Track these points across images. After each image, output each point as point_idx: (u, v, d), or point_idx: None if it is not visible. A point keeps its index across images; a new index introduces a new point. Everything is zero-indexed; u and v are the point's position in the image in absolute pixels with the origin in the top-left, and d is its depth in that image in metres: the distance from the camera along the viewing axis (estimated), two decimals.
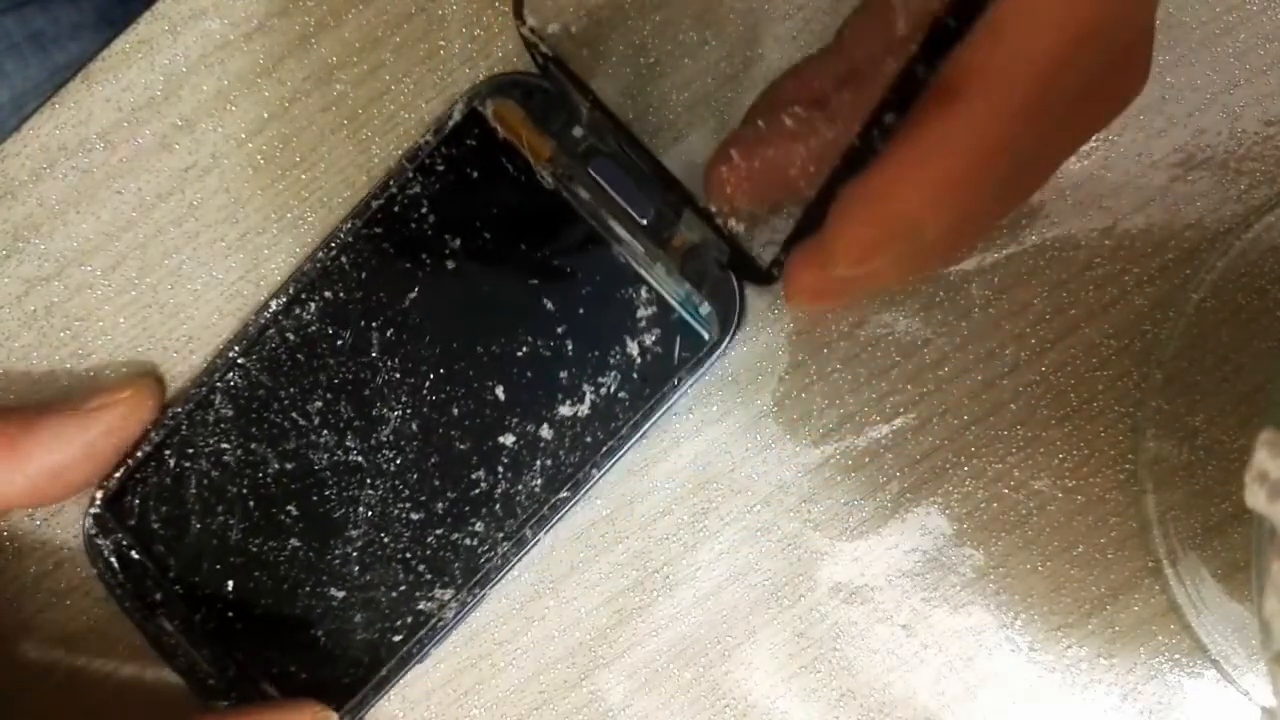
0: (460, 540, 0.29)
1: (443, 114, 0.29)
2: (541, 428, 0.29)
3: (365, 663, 0.29)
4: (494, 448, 0.29)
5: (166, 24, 0.29)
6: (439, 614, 0.29)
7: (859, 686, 0.31)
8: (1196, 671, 0.30)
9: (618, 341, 0.29)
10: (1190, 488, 0.30)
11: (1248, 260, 0.30)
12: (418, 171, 0.29)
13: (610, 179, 0.28)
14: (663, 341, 0.29)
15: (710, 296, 0.29)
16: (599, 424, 0.29)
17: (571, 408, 0.29)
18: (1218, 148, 0.30)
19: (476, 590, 0.29)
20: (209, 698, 0.29)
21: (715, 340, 0.29)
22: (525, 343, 0.29)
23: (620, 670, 0.30)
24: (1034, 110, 0.21)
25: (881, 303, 0.30)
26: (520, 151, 0.29)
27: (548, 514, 0.29)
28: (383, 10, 0.29)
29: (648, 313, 0.29)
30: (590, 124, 0.28)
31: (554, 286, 0.29)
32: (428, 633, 0.29)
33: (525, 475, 0.29)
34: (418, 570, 0.29)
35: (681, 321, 0.29)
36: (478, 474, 0.29)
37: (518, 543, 0.29)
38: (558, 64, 0.27)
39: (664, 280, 0.29)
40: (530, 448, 0.29)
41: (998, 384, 0.30)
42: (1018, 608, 0.30)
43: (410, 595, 0.29)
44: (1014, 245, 0.30)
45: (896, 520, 0.30)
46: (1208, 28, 0.30)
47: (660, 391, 0.29)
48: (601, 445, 0.29)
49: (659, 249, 0.29)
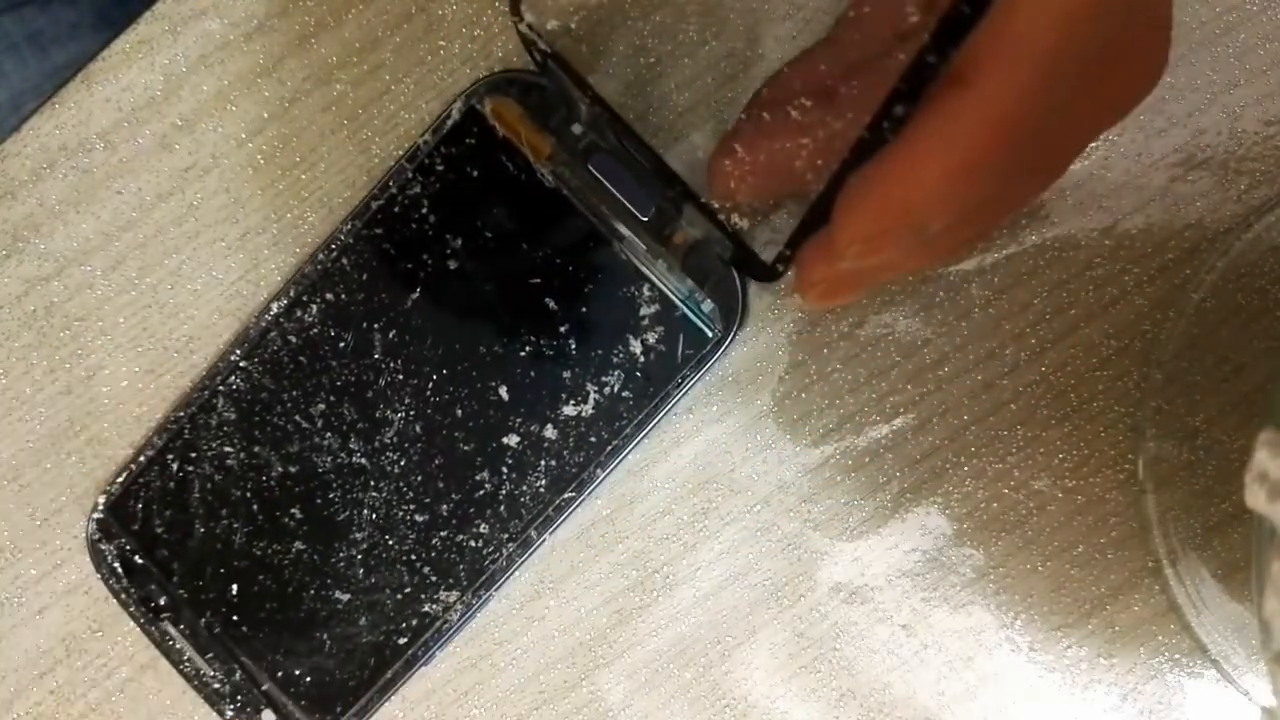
0: (465, 542, 0.29)
1: (441, 113, 0.29)
2: (545, 428, 0.29)
3: (371, 665, 0.29)
4: (498, 448, 0.29)
5: (166, 24, 0.29)
6: (444, 616, 0.29)
7: (859, 686, 0.31)
8: (1196, 671, 0.30)
9: (621, 340, 0.29)
10: (1190, 488, 0.30)
11: (1248, 260, 0.30)
12: (417, 171, 0.29)
13: (610, 175, 0.28)
14: (666, 339, 0.29)
15: (713, 293, 0.29)
16: (603, 423, 0.29)
17: (575, 407, 0.29)
18: (1218, 148, 0.30)
19: (481, 592, 0.29)
20: (215, 701, 0.29)
21: (719, 337, 0.29)
22: (528, 342, 0.29)
23: (620, 670, 0.30)
24: (1041, 99, 0.21)
25: (881, 303, 0.30)
26: (520, 149, 0.29)
27: (553, 514, 0.29)
28: (383, 10, 0.29)
29: (650, 310, 0.29)
30: (589, 120, 0.28)
31: (556, 285, 0.29)
32: (433, 635, 0.29)
33: (530, 476, 0.29)
34: (422, 572, 0.29)
35: (684, 318, 0.29)
36: (482, 475, 0.29)
37: (523, 544, 0.29)
38: (556, 60, 0.27)
39: (666, 277, 0.29)
40: (534, 448, 0.29)
41: (998, 384, 0.30)
42: (1018, 608, 0.30)
43: (415, 597, 0.29)
44: (1014, 245, 0.30)
45: (896, 520, 0.30)
46: (1208, 28, 0.30)
47: (664, 389, 0.29)
48: (606, 444, 0.29)
49: (660, 246, 0.28)
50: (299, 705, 0.29)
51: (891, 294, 0.30)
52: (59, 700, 0.30)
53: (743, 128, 0.27)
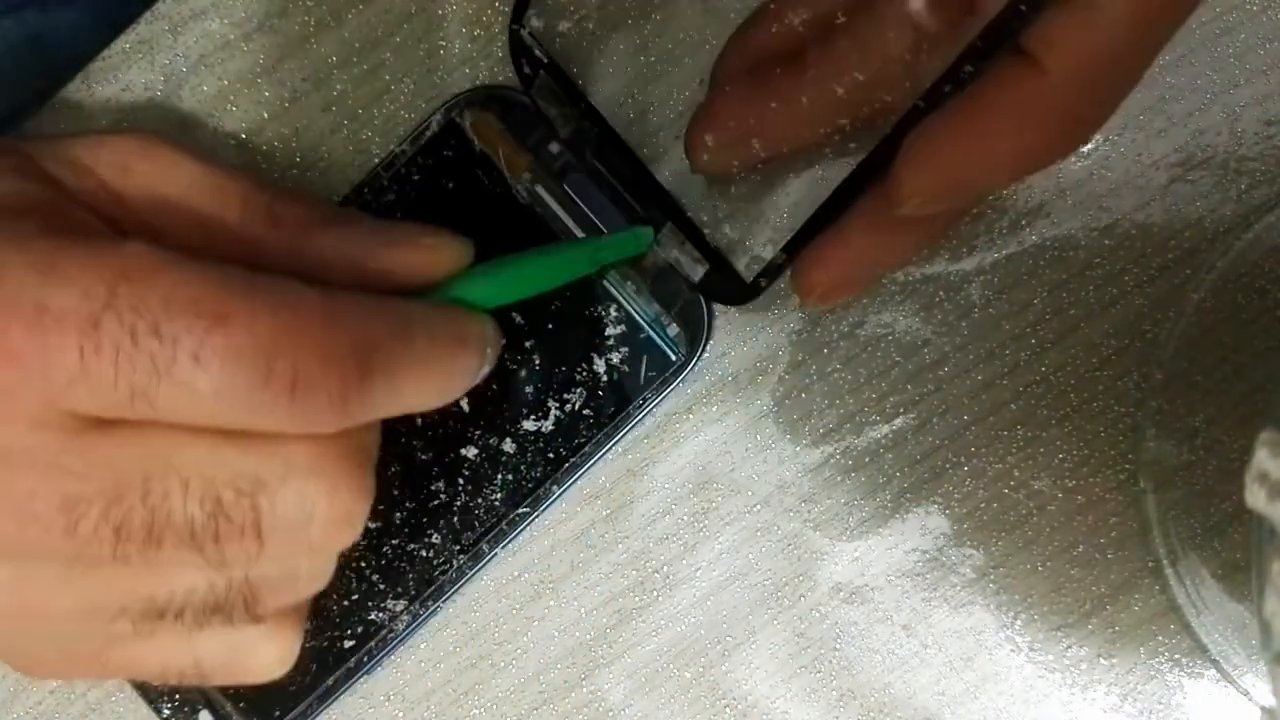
0: (416, 551, 0.29)
1: (420, 123, 0.29)
2: (504, 441, 0.29)
3: (312, 671, 0.29)
4: (455, 459, 0.29)
5: (166, 24, 0.29)
6: (390, 625, 0.29)
7: (859, 686, 0.31)
8: (1196, 671, 0.30)
9: (585, 358, 0.29)
10: (1190, 488, 0.30)
11: (1248, 260, 0.30)
12: (393, 180, 0.29)
13: (585, 196, 0.28)
14: (630, 360, 0.29)
15: (679, 317, 0.29)
16: (562, 440, 0.29)
17: (535, 422, 0.29)
18: (1218, 148, 0.30)
19: (430, 603, 0.29)
20: (153, 700, 0.29)
21: (682, 361, 0.29)
22: None
23: (620, 670, 0.30)
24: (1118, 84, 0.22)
25: (881, 303, 0.30)
26: (496, 165, 0.29)
27: (506, 528, 0.29)
28: (383, 10, 0.29)
29: (616, 331, 0.29)
30: (569, 139, 0.28)
31: (523, 302, 0.29)
32: (378, 644, 0.29)
33: (485, 489, 0.29)
34: (370, 580, 0.29)
35: (649, 340, 0.29)
36: (437, 485, 0.29)
37: (474, 556, 0.29)
38: (552, 69, 0.27)
39: (633, 299, 0.29)
40: (491, 461, 0.29)
41: (998, 384, 0.30)
42: (1018, 608, 0.30)
43: (362, 605, 0.29)
44: (1014, 245, 0.30)
45: (896, 520, 0.30)
46: (1208, 28, 0.30)
47: (625, 410, 0.29)
48: (563, 461, 0.29)
49: (630, 268, 0.29)
50: (237, 707, 0.29)
51: (891, 294, 0.30)
52: (59, 700, 0.30)
53: (714, 99, 0.27)
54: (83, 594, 0.23)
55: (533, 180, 0.29)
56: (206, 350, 0.20)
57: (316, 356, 0.21)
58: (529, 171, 0.29)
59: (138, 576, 0.23)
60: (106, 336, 0.20)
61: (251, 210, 0.25)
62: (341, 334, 0.22)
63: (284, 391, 0.21)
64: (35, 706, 0.30)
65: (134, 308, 0.20)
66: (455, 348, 0.24)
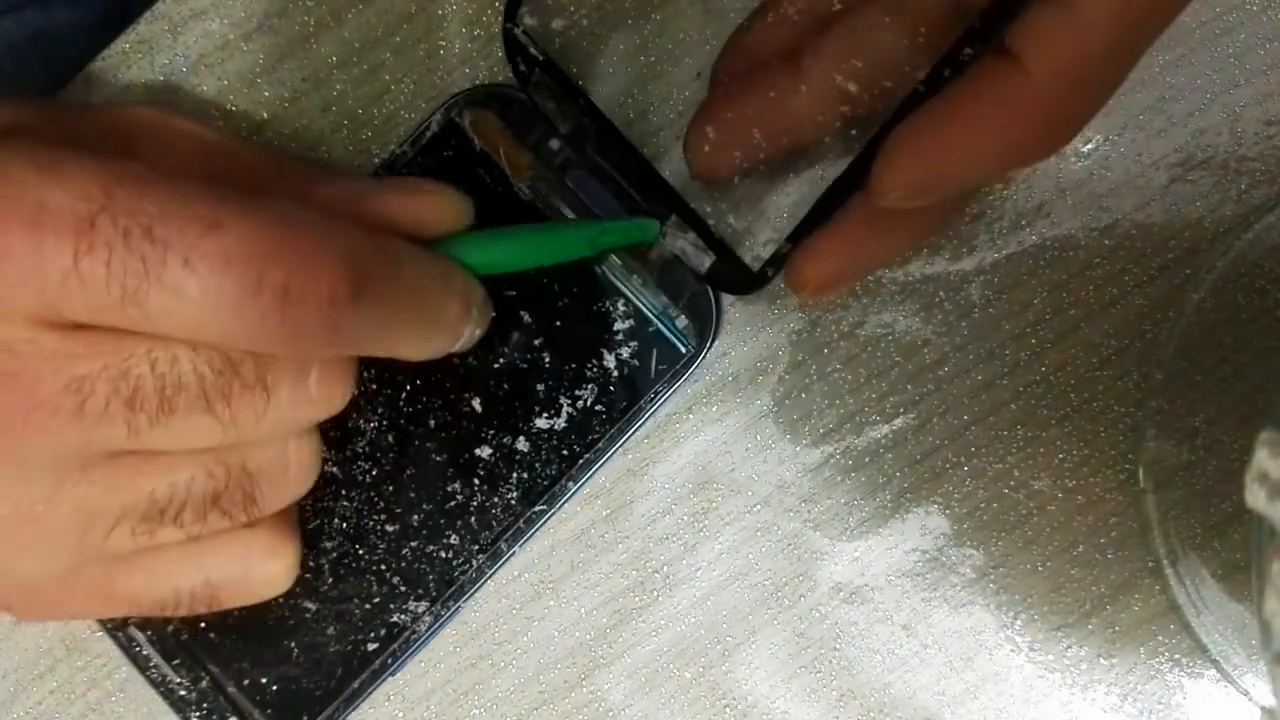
0: (435, 553, 0.29)
1: (420, 124, 0.29)
2: (518, 440, 0.29)
3: (338, 675, 0.29)
4: (470, 460, 0.29)
5: (166, 24, 0.29)
6: (413, 626, 0.29)
7: (859, 686, 0.31)
8: (1196, 671, 0.30)
9: (594, 354, 0.29)
10: (1190, 488, 0.30)
11: (1248, 260, 0.30)
12: None
13: (588, 191, 0.28)
14: (640, 354, 0.29)
15: (687, 309, 0.29)
16: (575, 436, 0.29)
17: (548, 420, 0.29)
18: (1218, 148, 0.30)
19: (451, 603, 0.29)
20: (181, 709, 0.29)
21: (692, 352, 0.29)
22: (501, 355, 0.29)
23: (620, 670, 0.30)
24: (1096, 91, 0.22)
25: (881, 303, 0.30)
26: (497, 163, 0.29)
27: (523, 527, 0.29)
28: (383, 10, 0.29)
29: (624, 325, 0.29)
30: (570, 135, 0.28)
31: (531, 298, 0.29)
32: (401, 645, 0.29)
33: (501, 488, 0.29)
34: (392, 582, 0.29)
35: (658, 334, 0.29)
36: (453, 486, 0.29)
37: (493, 555, 0.29)
38: (549, 67, 0.27)
39: (641, 292, 0.29)
40: (506, 460, 0.29)
41: (998, 384, 0.30)
42: (1018, 608, 0.30)
43: (384, 607, 0.29)
44: (1014, 245, 0.30)
45: (896, 520, 0.30)
46: (1208, 28, 0.30)
47: (637, 404, 0.29)
48: (578, 458, 0.29)
49: (636, 261, 0.29)
50: (265, 714, 0.29)
51: (891, 294, 0.30)
52: (59, 700, 0.30)
53: (713, 101, 0.27)
54: (81, 499, 0.23)
55: (534, 177, 0.29)
56: (197, 255, 0.20)
57: (309, 269, 0.21)
58: (531, 169, 0.29)
59: (137, 470, 0.23)
60: (100, 236, 0.20)
61: (260, 171, 0.26)
62: (335, 252, 0.22)
63: (275, 302, 0.21)
64: (35, 706, 0.30)
65: (129, 211, 0.20)
66: (442, 293, 0.25)
